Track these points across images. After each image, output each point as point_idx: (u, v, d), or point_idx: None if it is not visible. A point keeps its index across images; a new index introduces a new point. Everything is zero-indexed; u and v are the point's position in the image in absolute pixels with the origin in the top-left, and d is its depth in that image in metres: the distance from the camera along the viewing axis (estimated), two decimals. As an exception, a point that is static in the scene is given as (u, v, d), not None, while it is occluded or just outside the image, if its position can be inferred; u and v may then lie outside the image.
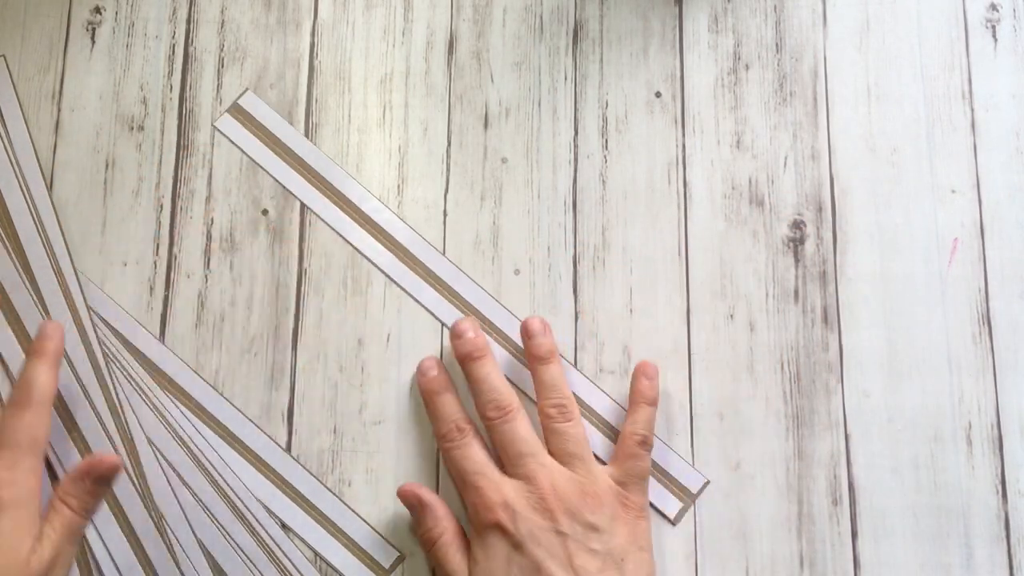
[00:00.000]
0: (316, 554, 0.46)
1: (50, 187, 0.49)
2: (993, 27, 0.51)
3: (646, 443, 0.44)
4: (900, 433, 0.47)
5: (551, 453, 0.44)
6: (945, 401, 0.47)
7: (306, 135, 0.50)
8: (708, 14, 0.51)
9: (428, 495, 0.44)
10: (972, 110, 0.50)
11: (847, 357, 0.48)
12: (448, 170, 0.50)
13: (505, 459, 0.44)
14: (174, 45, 0.51)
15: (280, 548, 0.45)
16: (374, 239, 0.49)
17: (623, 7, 0.51)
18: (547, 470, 0.43)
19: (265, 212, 0.49)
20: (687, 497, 0.46)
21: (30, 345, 0.45)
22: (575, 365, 0.48)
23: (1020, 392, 0.47)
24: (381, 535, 0.46)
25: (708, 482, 0.46)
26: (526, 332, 0.46)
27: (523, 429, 0.44)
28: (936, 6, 0.51)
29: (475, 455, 0.44)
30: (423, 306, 0.48)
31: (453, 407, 0.45)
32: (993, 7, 0.51)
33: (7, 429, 0.42)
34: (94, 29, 0.51)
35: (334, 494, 0.46)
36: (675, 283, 0.48)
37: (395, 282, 0.48)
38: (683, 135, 0.50)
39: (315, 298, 0.48)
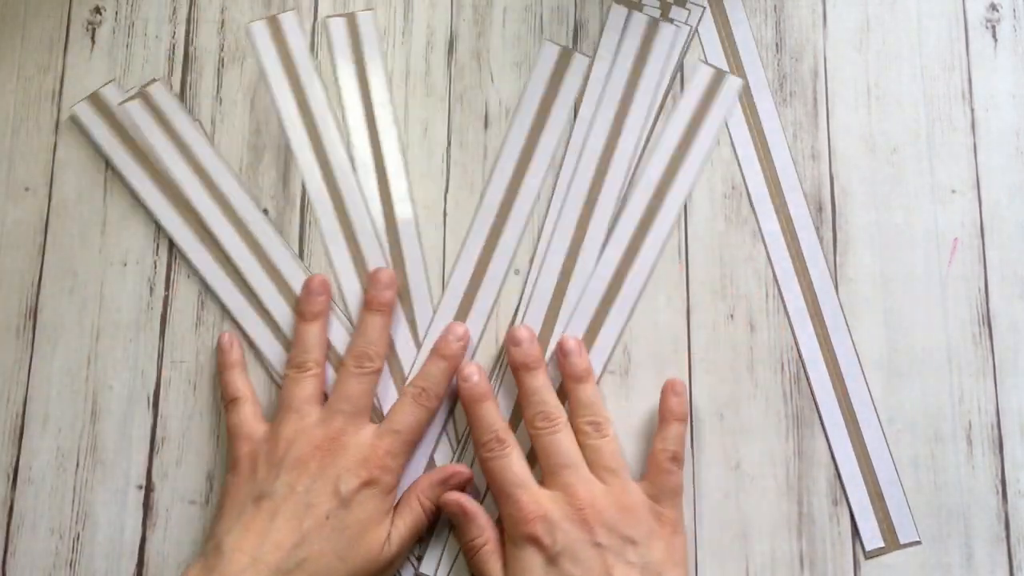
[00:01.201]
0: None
1: (50, 185, 0.49)
2: (993, 27, 0.51)
3: (676, 459, 0.44)
4: (900, 433, 0.47)
5: (589, 463, 0.44)
6: (945, 401, 0.47)
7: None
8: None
9: (470, 504, 0.44)
10: (972, 110, 0.50)
11: (847, 357, 0.48)
12: (448, 170, 0.50)
13: (546, 469, 0.44)
14: (174, 45, 0.51)
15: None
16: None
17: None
18: (586, 484, 0.43)
19: (265, 212, 0.49)
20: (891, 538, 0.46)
21: (436, 345, 0.46)
22: (575, 365, 0.48)
23: (1020, 392, 0.47)
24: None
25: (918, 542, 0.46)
26: (560, 349, 0.46)
27: (567, 442, 0.44)
28: (936, 6, 0.51)
29: (515, 466, 0.44)
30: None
31: (494, 416, 0.45)
32: (993, 7, 0.51)
33: (404, 419, 0.45)
34: (94, 29, 0.51)
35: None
36: (675, 283, 0.48)
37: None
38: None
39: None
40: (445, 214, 0.49)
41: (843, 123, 0.50)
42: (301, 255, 0.49)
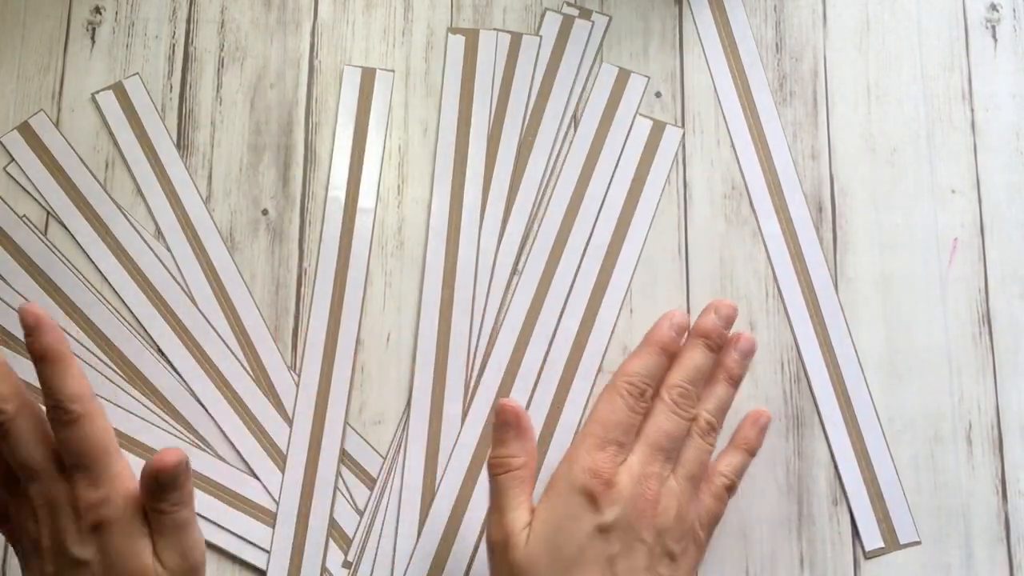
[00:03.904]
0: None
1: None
2: (993, 27, 0.51)
3: (732, 489, 0.44)
4: (900, 433, 0.47)
5: (678, 459, 0.42)
6: (945, 401, 0.47)
7: (306, 135, 0.50)
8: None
9: (528, 422, 0.42)
10: (972, 110, 0.50)
11: (847, 357, 0.48)
12: (448, 170, 0.50)
13: (644, 439, 0.41)
14: (174, 45, 0.51)
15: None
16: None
17: (623, 7, 0.51)
18: (665, 479, 0.41)
19: (265, 212, 0.49)
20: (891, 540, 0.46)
21: (28, 348, 0.40)
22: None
23: (1020, 392, 0.47)
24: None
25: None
26: (736, 344, 0.44)
27: (681, 431, 0.42)
28: (936, 6, 0.51)
29: (629, 419, 0.41)
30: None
31: (658, 369, 0.42)
32: (993, 7, 0.51)
33: (68, 450, 0.39)
34: (94, 29, 0.51)
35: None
36: (675, 283, 0.48)
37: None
38: (683, 135, 0.50)
39: (314, 298, 0.48)
40: (445, 214, 0.49)
41: (843, 123, 0.50)
42: (300, 255, 0.49)
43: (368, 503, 0.46)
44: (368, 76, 0.50)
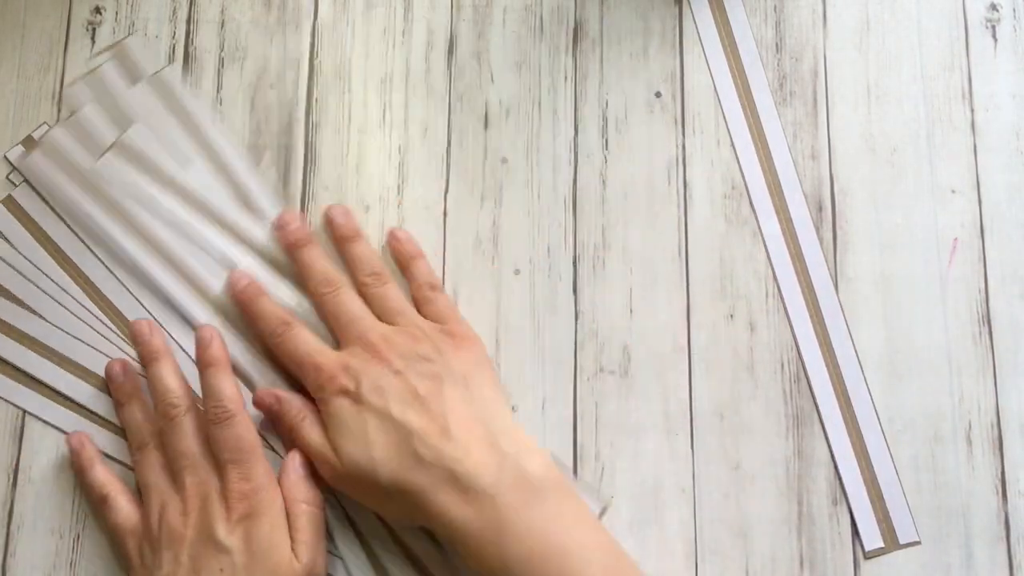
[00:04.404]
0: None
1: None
2: (993, 27, 0.51)
3: (434, 287, 0.47)
4: (900, 433, 0.47)
5: (376, 317, 0.46)
6: (945, 401, 0.47)
7: (306, 135, 0.50)
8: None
9: (283, 392, 0.45)
10: (972, 110, 0.50)
11: (847, 357, 0.47)
12: (448, 170, 0.50)
13: (337, 330, 0.46)
14: (174, 45, 0.51)
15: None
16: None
17: (623, 7, 0.51)
18: (376, 328, 0.45)
19: (265, 212, 0.49)
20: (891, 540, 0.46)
21: (197, 358, 0.46)
22: (575, 364, 0.48)
23: (1020, 392, 0.47)
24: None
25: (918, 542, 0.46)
26: (329, 219, 0.48)
27: (351, 298, 0.46)
28: (936, 6, 0.51)
29: (307, 338, 0.45)
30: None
31: (273, 306, 0.47)
32: (993, 7, 0.51)
33: (224, 446, 0.44)
34: (94, 29, 0.51)
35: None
36: (675, 283, 0.48)
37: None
38: (683, 135, 0.50)
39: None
40: (445, 214, 0.49)
41: (843, 123, 0.50)
42: (301, 255, 0.49)
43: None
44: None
